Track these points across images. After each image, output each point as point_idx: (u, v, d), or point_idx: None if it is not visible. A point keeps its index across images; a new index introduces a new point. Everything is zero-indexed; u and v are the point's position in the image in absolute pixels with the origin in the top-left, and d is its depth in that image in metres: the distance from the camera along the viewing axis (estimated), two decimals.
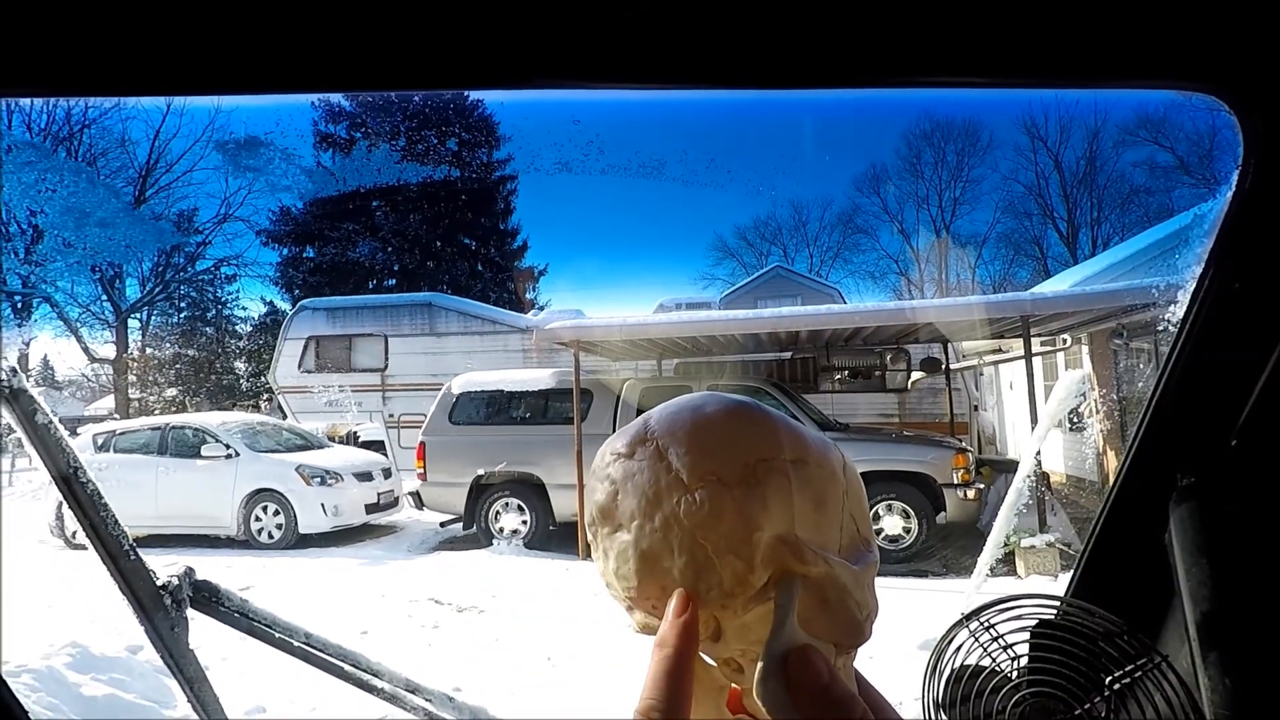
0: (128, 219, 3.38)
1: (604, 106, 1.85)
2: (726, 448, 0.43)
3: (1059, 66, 0.53)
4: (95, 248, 1.98)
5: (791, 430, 0.44)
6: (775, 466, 0.42)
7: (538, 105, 1.33)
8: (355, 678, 0.91)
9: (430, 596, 5.94)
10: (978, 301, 7.78)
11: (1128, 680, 0.73)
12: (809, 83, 0.51)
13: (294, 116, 19.83)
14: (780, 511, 0.41)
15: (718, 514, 0.41)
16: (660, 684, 0.39)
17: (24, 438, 0.70)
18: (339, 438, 11.87)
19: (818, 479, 0.43)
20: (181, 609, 0.80)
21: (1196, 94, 0.56)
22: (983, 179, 32.98)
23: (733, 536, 0.41)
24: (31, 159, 0.94)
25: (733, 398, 0.46)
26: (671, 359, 10.69)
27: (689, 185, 27.10)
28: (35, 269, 18.87)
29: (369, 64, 0.50)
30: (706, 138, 17.31)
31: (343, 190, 22.44)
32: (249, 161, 5.41)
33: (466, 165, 24.80)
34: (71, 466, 0.71)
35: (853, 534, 0.44)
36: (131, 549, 0.77)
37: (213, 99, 0.56)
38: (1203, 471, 0.74)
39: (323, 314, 13.23)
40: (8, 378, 0.67)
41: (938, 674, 0.80)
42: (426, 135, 22.80)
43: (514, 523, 7.82)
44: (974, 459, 7.36)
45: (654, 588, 0.43)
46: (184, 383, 22.18)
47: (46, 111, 20.57)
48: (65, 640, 3.84)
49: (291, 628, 0.88)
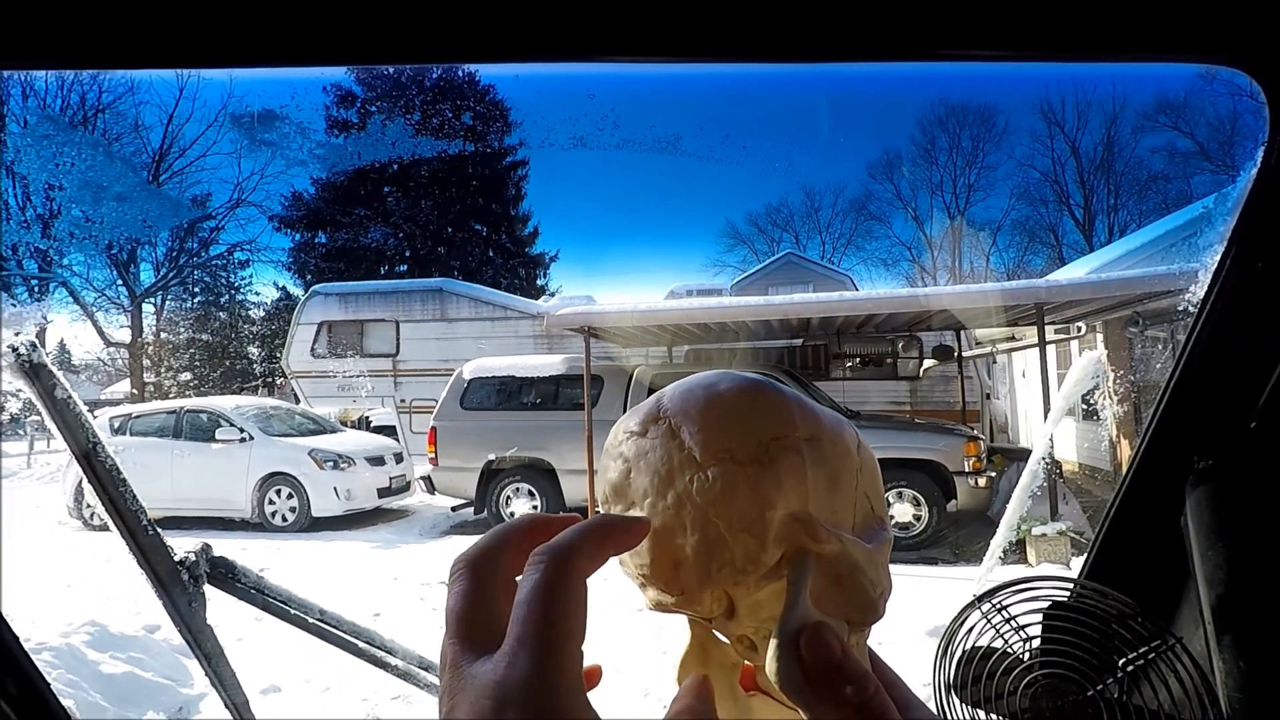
0: (145, 193, 3.39)
1: (619, 80, 1.84)
2: (740, 425, 0.43)
3: (1078, 40, 0.52)
4: (113, 222, 1.98)
5: (805, 408, 0.44)
6: (789, 444, 0.42)
7: (553, 79, 1.29)
8: (369, 654, 0.92)
9: (442, 580, 5.99)
10: (991, 289, 7.71)
11: (1141, 662, 0.72)
12: (823, 56, 0.51)
13: (305, 97, 19.84)
14: (794, 489, 0.41)
15: (730, 492, 0.41)
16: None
17: (44, 413, 0.71)
18: (351, 422, 11.97)
19: (831, 457, 0.43)
20: (199, 585, 0.81)
21: (1220, 68, 0.55)
22: (998, 165, 32.59)
23: (745, 514, 0.41)
24: (49, 133, 0.94)
25: (747, 375, 0.46)
26: (682, 345, 10.68)
27: (704, 160, 26.92)
28: (52, 251, 19.06)
29: (380, 37, 0.50)
30: (722, 112, 17.18)
31: (355, 173, 22.48)
32: (264, 135, 5.42)
33: (478, 151, 24.77)
34: (91, 442, 0.72)
35: (866, 511, 0.44)
36: (150, 525, 0.78)
37: (225, 74, 0.56)
38: (1220, 454, 0.73)
39: (335, 299, 13.30)
40: (28, 353, 0.68)
41: (949, 655, 0.80)
42: (438, 119, 22.76)
43: (525, 507, 7.88)
44: (986, 447, 7.32)
45: (666, 565, 0.43)
46: (198, 367, 22.40)
47: (61, 95, 20.70)
48: (84, 619, 3.91)
49: (306, 604, 0.89)
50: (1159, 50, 0.53)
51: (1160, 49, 0.53)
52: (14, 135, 0.85)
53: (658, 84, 2.39)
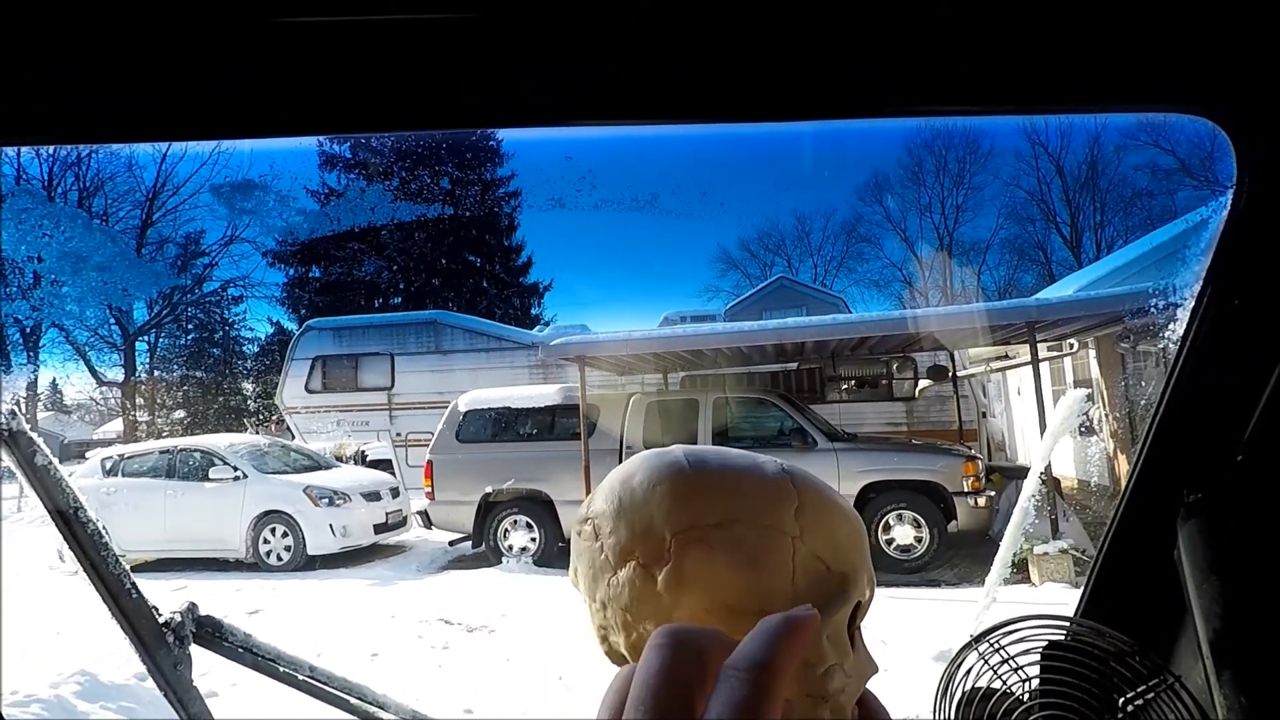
0: (125, 264, 3.41)
1: (596, 143, 1.87)
2: (647, 524, 0.43)
3: (1052, 93, 0.54)
4: (93, 292, 1.97)
5: (724, 487, 0.44)
6: (694, 536, 0.42)
7: (529, 143, 1.33)
8: (362, 710, 0.90)
9: (440, 616, 5.92)
10: (982, 308, 7.76)
11: (1140, 701, 0.72)
12: (803, 115, 0.52)
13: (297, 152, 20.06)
14: (702, 582, 0.41)
15: (641, 595, 0.42)
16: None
17: (23, 480, 0.70)
18: (346, 457, 11.88)
19: (750, 537, 0.42)
20: (185, 645, 0.80)
21: (1189, 117, 0.56)
22: (985, 185, 32.90)
23: (659, 615, 0.42)
24: (28, 205, 0.94)
25: (665, 459, 0.46)
26: (678, 373, 10.69)
27: (682, 219, 27.25)
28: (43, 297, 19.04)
29: (359, 107, 0.51)
30: (700, 169, 17.32)
31: (348, 210, 22.61)
32: (243, 204, 5.36)
33: (470, 183, 24.97)
34: (72, 506, 0.71)
35: (818, 574, 0.43)
36: (133, 587, 0.77)
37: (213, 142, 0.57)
38: (1210, 488, 0.73)
39: (329, 334, 13.29)
40: (6, 420, 0.68)
41: (949, 697, 0.79)
42: (430, 154, 22.98)
43: (523, 540, 7.80)
44: (984, 466, 7.31)
45: (616, 659, 0.45)
46: (191, 404, 22.28)
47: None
48: (74, 669, 3.84)
49: (296, 662, 0.87)
50: (1129, 101, 0.54)
51: (1130, 100, 0.54)
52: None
53: (635, 144, 2.46)
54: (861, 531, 0.47)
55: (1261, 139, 0.54)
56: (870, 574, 0.47)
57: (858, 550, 0.46)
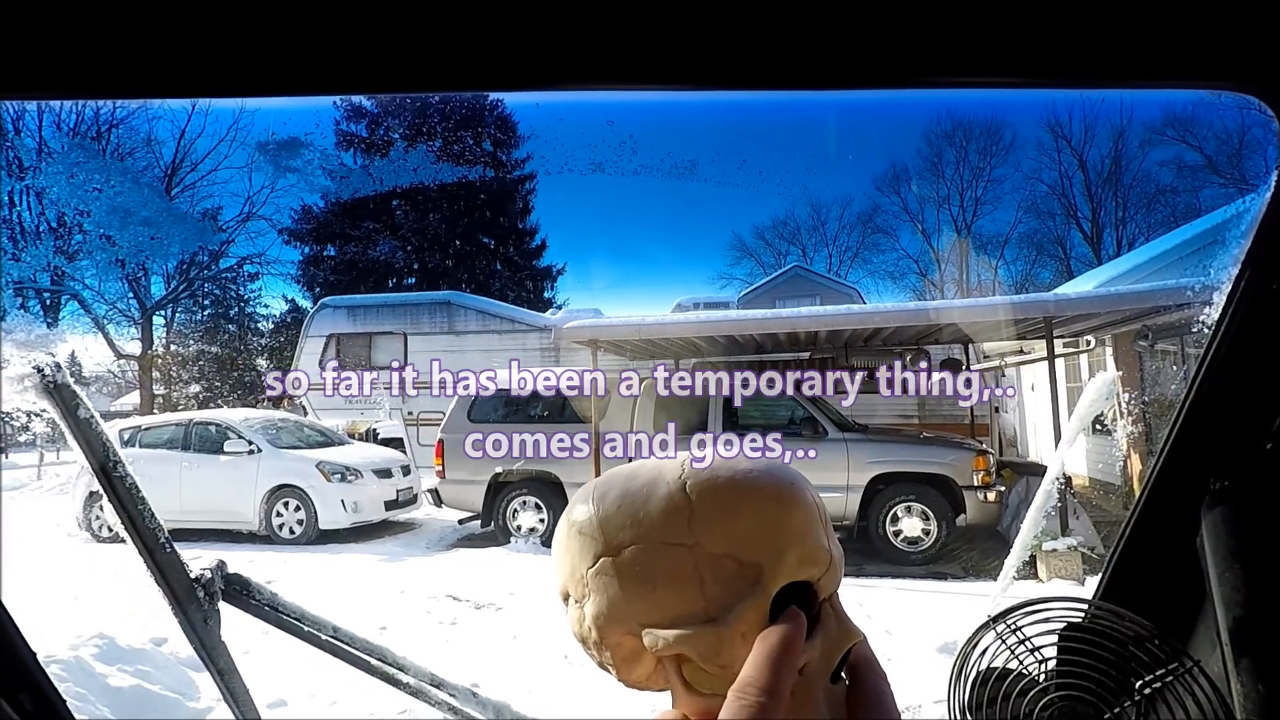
0: (168, 217, 3.41)
1: (638, 108, 1.86)
2: (569, 565, 0.49)
3: (1091, 66, 0.53)
4: (138, 245, 2.06)
5: (622, 516, 0.47)
6: (600, 570, 0.46)
7: (572, 106, 1.34)
8: (381, 671, 0.92)
9: (448, 593, 5.98)
10: (1000, 302, 7.70)
11: (1158, 685, 0.72)
12: (843, 83, 0.51)
13: (316, 115, 20.06)
14: (616, 610, 0.46)
15: (579, 632, 0.48)
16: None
17: (66, 431, 0.72)
18: (359, 435, 11.98)
19: (646, 560, 0.45)
20: (214, 602, 0.82)
21: (1231, 93, 0.56)
22: (1005, 178, 32.54)
23: (599, 644, 0.47)
24: (80, 159, 0.96)
25: (577, 501, 0.51)
26: (689, 359, 10.68)
27: (721, 185, 27.13)
28: (65, 266, 19.26)
29: (398, 65, 0.51)
30: (740, 138, 17.22)
31: (363, 190, 22.69)
32: (288, 162, 5.42)
33: (485, 164, 24.93)
34: (111, 460, 0.73)
35: (729, 573, 0.45)
36: (167, 542, 0.79)
37: (235, 100, 0.57)
38: (1236, 475, 0.72)
39: (343, 312, 13.36)
40: (52, 373, 0.69)
41: (964, 677, 0.79)
42: (446, 135, 22.95)
43: (531, 520, 7.86)
44: (995, 461, 7.28)
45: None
46: (207, 379, 22.50)
47: (75, 111, 20.94)
48: (93, 632, 3.91)
49: (320, 621, 0.89)
50: (1169, 76, 0.53)
51: (1170, 74, 0.53)
52: (29, 152, 0.87)
53: (676, 110, 2.45)
54: (777, 515, 0.46)
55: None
56: (807, 550, 0.46)
57: (774, 535, 0.45)
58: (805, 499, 0.47)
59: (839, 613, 0.47)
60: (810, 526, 0.46)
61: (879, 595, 5.50)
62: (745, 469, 0.47)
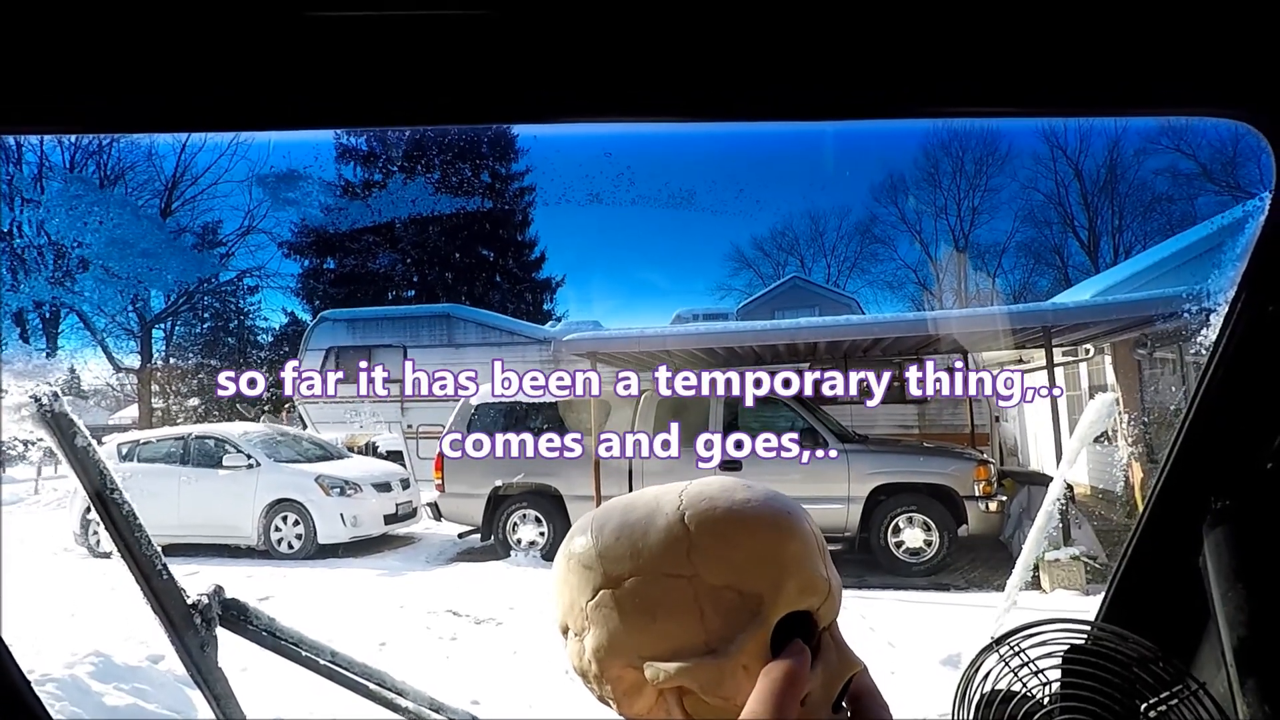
0: (170, 249, 3.43)
1: (635, 139, 1.86)
2: (568, 599, 0.49)
3: (1084, 96, 0.53)
4: (139, 277, 2.06)
5: (621, 548, 0.47)
6: (600, 603, 0.46)
7: (570, 139, 1.34)
8: (380, 696, 0.91)
9: (448, 608, 5.95)
10: (998, 312, 7.71)
11: (1163, 708, 0.71)
12: (840, 114, 0.52)
13: (315, 149, 20.22)
14: (617, 643, 0.46)
15: (579, 665, 0.48)
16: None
17: (64, 459, 0.71)
18: (358, 448, 11.96)
19: (645, 591, 0.45)
20: (211, 628, 0.81)
21: (1216, 121, 0.56)
22: (1001, 188, 32.61)
23: (600, 678, 0.47)
24: (79, 192, 0.97)
25: (575, 532, 0.51)
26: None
27: (718, 215, 27.47)
28: (63, 282, 19.25)
29: (395, 99, 0.51)
30: (736, 167, 17.37)
31: (362, 221, 22.77)
32: (286, 194, 5.46)
33: (485, 178, 25.03)
34: (109, 488, 0.72)
35: (729, 604, 0.45)
36: (164, 568, 0.79)
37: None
38: (1237, 494, 0.72)
39: (343, 325, 13.38)
40: (49, 402, 0.69)
41: (968, 700, 0.79)
42: (447, 149, 23.04)
43: (532, 534, 7.83)
44: (996, 471, 7.26)
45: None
46: (206, 392, 22.48)
47: None
48: (88, 649, 3.88)
49: (318, 646, 0.89)
50: (1161, 104, 0.53)
51: (1161, 102, 0.53)
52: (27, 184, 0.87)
53: (673, 141, 2.44)
54: (775, 545, 0.45)
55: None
56: (807, 579, 0.46)
57: (773, 565, 0.45)
58: (803, 528, 0.47)
59: (839, 642, 0.47)
60: (809, 555, 0.46)
61: (881, 607, 5.48)
62: (743, 499, 0.47)
